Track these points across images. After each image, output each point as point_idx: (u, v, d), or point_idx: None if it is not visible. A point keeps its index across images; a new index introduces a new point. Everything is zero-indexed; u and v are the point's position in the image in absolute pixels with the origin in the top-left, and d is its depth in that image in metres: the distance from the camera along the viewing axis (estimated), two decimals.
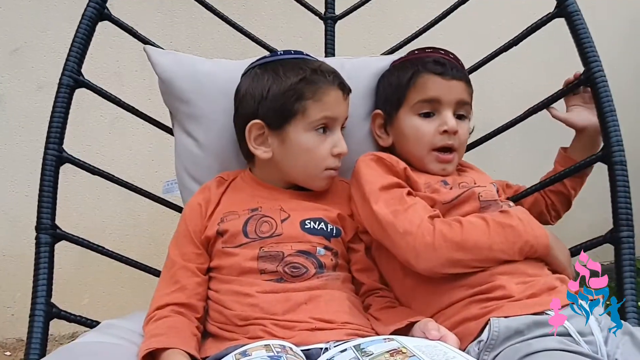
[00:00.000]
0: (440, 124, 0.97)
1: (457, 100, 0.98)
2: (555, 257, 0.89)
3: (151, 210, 1.83)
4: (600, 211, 1.14)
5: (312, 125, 0.93)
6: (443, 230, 0.84)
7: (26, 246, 1.15)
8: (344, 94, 0.96)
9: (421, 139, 0.98)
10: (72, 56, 1.03)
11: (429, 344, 0.70)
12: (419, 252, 0.84)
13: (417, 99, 0.98)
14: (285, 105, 0.92)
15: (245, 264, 0.87)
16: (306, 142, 0.93)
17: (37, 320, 0.92)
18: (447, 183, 0.96)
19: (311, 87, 0.92)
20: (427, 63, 0.99)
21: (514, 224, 0.86)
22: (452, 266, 0.85)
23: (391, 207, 0.88)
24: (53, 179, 1.00)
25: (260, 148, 0.95)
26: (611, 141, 0.98)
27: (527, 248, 0.86)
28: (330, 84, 0.94)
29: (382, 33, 1.96)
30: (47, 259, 0.96)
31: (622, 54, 2.16)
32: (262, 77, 0.95)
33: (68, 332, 1.82)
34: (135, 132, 1.83)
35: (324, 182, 0.97)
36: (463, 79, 0.99)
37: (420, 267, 0.86)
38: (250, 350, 0.72)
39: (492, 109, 1.86)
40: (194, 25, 1.85)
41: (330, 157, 0.94)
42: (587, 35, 1.02)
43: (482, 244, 0.84)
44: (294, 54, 1.00)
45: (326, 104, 0.93)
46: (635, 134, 1.57)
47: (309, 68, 0.94)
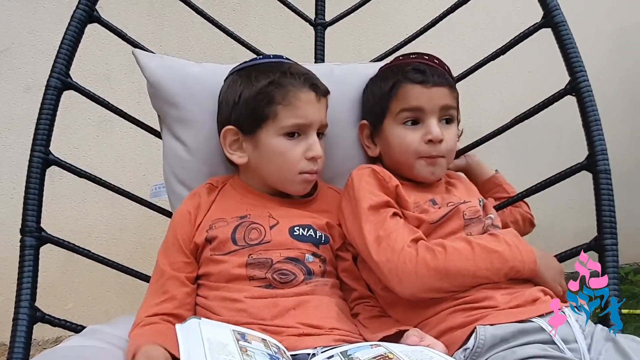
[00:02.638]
0: (424, 133, 0.96)
1: (441, 107, 0.97)
2: (544, 278, 0.88)
3: (138, 214, 1.83)
4: (586, 219, 1.16)
5: (283, 130, 0.92)
6: (426, 258, 0.84)
7: (10, 249, 1.13)
8: (318, 95, 0.94)
9: (407, 148, 0.97)
10: (60, 58, 1.02)
11: (415, 349, 0.70)
12: (401, 279, 0.84)
13: (399, 108, 0.98)
14: (256, 110, 0.92)
15: (233, 271, 0.87)
16: (278, 146, 0.92)
17: (20, 324, 0.91)
18: (436, 202, 0.96)
19: (280, 91, 0.91)
20: (407, 72, 0.98)
21: (500, 250, 0.85)
22: (435, 293, 0.85)
23: (375, 233, 0.87)
24: (39, 181, 0.98)
25: (236, 153, 0.96)
26: (595, 150, 0.99)
27: (512, 273, 0.86)
28: (300, 86, 0.92)
29: (372, 40, 1.98)
30: (31, 262, 0.95)
31: (607, 65, 2.19)
32: (236, 82, 0.96)
33: (52, 337, 1.79)
34: (123, 136, 1.82)
35: (300, 186, 0.96)
36: (445, 85, 0.98)
37: (402, 292, 0.86)
38: (249, 337, 0.71)
39: (480, 117, 1.88)
40: (183, 30, 1.84)
41: (303, 161, 0.93)
42: (572, 45, 1.04)
43: (465, 272, 0.84)
44: (273, 58, 0.99)
45: (297, 107, 0.91)
46: (619, 143, 1.59)
47: (279, 71, 0.93)
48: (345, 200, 0.96)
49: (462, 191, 1.01)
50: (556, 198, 1.13)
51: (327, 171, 1.07)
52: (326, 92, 0.97)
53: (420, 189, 0.99)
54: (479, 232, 0.94)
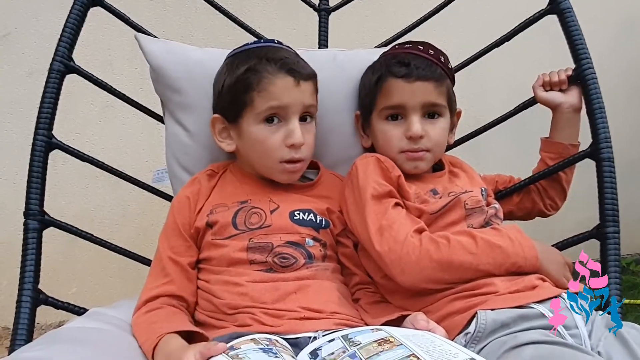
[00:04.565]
0: (405, 129, 0.96)
1: (423, 104, 0.95)
2: (547, 273, 0.88)
3: (141, 199, 1.83)
4: (587, 210, 1.16)
5: (260, 116, 0.90)
6: (430, 249, 0.84)
7: (13, 234, 1.14)
8: (296, 80, 0.90)
9: (389, 143, 0.97)
10: (63, 41, 1.02)
11: (417, 334, 0.71)
12: (403, 269, 0.84)
13: (383, 104, 0.97)
14: (235, 98, 0.91)
15: (234, 255, 0.87)
16: (257, 133, 0.91)
17: (23, 306, 0.92)
18: (437, 192, 0.96)
19: (255, 77, 0.90)
20: (391, 66, 0.97)
21: (504, 245, 0.85)
22: (436, 283, 0.85)
23: (377, 223, 0.87)
24: (42, 164, 0.99)
25: (225, 141, 0.96)
26: (599, 138, 0.99)
27: (514, 268, 0.86)
28: (275, 72, 0.90)
29: (376, 26, 1.96)
30: (34, 245, 0.96)
31: (612, 53, 2.18)
32: (222, 70, 0.96)
33: (55, 321, 1.81)
34: (126, 121, 1.82)
35: (283, 175, 0.94)
36: (431, 79, 0.95)
37: (404, 282, 0.86)
38: (237, 344, 0.71)
39: (483, 104, 1.87)
40: (186, 15, 1.84)
41: (283, 149, 0.90)
42: (578, 32, 1.03)
43: (468, 265, 0.84)
44: (263, 42, 0.98)
45: (271, 93, 0.89)
46: (621, 133, 1.58)
47: (257, 57, 0.91)
48: (348, 189, 0.96)
49: (465, 181, 1.01)
50: None
51: (328, 158, 1.07)
52: (309, 75, 0.93)
53: (421, 179, 0.98)
54: (480, 223, 0.94)
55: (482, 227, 0.93)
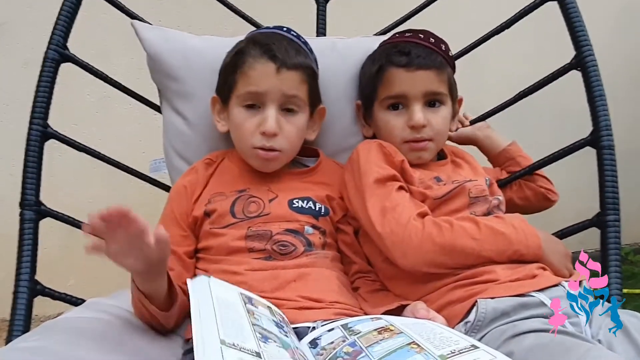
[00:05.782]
0: (407, 119, 0.95)
1: (424, 93, 0.95)
2: (549, 262, 0.87)
3: (138, 191, 1.82)
4: (587, 199, 1.15)
5: (239, 99, 0.91)
6: (432, 233, 0.83)
7: (10, 226, 1.13)
8: (278, 66, 0.89)
9: (391, 132, 0.97)
10: (58, 29, 1.01)
11: (417, 322, 0.70)
12: (405, 252, 0.84)
13: (384, 94, 0.97)
14: (225, 78, 0.94)
15: (233, 244, 0.87)
16: (237, 116, 0.92)
17: (20, 297, 0.91)
18: (441, 179, 0.95)
19: (240, 59, 0.91)
20: (392, 55, 0.96)
21: (507, 232, 0.85)
22: (437, 267, 0.85)
23: (380, 204, 0.87)
24: (37, 154, 0.98)
25: (220, 122, 0.97)
26: (600, 125, 0.98)
27: (516, 256, 0.85)
28: (258, 56, 0.90)
29: (375, 13, 1.93)
30: (31, 235, 0.95)
31: (613, 41, 2.17)
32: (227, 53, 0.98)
33: (53, 313, 1.80)
34: (122, 112, 1.81)
35: (256, 161, 0.92)
36: (431, 67, 0.95)
37: (405, 264, 0.85)
38: (255, 302, 0.72)
39: (483, 93, 1.85)
40: (184, 4, 1.82)
41: (257, 135, 0.90)
42: (579, 19, 1.02)
43: (470, 250, 0.83)
44: (271, 28, 0.99)
45: (250, 77, 0.90)
46: (622, 123, 1.58)
47: (252, 40, 0.93)
48: (349, 173, 0.95)
49: (468, 171, 1.01)
50: (558, 179, 1.11)
51: (329, 147, 1.06)
52: (296, 65, 0.91)
53: (425, 167, 0.98)
54: (483, 212, 0.93)
55: (485, 216, 0.93)
